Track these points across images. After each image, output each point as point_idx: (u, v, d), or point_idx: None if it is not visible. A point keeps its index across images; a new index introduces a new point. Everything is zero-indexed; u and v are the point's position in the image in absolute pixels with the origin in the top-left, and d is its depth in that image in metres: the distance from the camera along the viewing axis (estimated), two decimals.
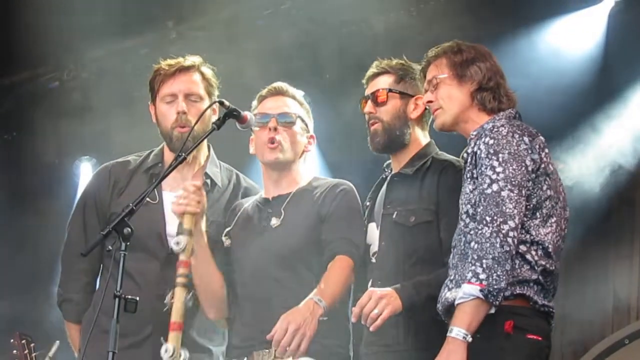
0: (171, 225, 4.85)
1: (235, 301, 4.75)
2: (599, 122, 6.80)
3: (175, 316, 4.50)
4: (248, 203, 4.86)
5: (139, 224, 4.29)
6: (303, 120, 4.81)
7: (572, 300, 6.92)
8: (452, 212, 4.31)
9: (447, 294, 4.15)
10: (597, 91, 6.76)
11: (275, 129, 4.72)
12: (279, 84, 4.87)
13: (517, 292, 4.05)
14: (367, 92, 4.75)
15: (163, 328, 4.55)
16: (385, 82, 4.72)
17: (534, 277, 4.07)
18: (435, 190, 4.52)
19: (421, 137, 4.71)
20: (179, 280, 4.54)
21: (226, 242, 4.81)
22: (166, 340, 4.45)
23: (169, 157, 4.97)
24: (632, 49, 6.60)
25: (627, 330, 6.87)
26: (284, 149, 4.73)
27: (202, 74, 4.96)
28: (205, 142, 4.94)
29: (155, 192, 4.82)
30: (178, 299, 4.51)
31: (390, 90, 4.68)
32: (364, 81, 4.80)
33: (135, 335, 4.70)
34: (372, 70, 4.77)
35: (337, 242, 4.59)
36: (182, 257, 4.55)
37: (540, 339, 4.08)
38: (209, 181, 4.96)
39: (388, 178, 4.72)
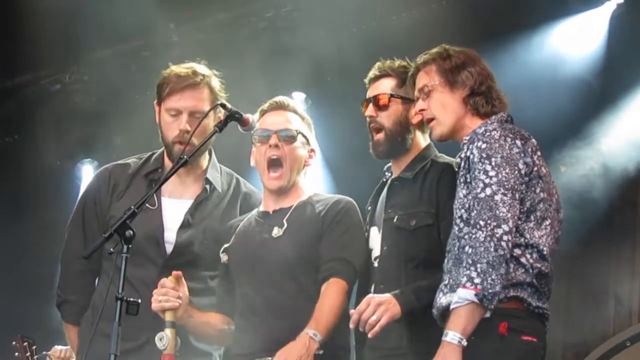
0: (169, 231, 4.85)
1: (236, 311, 4.75)
2: (601, 124, 6.79)
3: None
4: (245, 219, 4.84)
5: (138, 230, 4.26)
6: (304, 135, 4.77)
7: (573, 302, 6.91)
8: (452, 214, 4.28)
9: (442, 299, 4.15)
10: (599, 93, 6.75)
11: (277, 146, 4.70)
12: (280, 99, 4.83)
13: (511, 294, 4.05)
14: (369, 94, 4.72)
15: None
16: (387, 85, 4.68)
17: (528, 279, 4.07)
18: (435, 193, 4.50)
19: (421, 140, 4.69)
20: None
21: (223, 258, 4.79)
22: None
23: (169, 162, 4.92)
24: (633, 51, 6.60)
25: (629, 333, 6.86)
26: (286, 176, 4.69)
27: (210, 89, 4.87)
28: (207, 147, 4.92)
29: (155, 197, 4.80)
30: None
31: (392, 95, 4.65)
32: (366, 81, 4.77)
33: (133, 341, 4.68)
34: (374, 72, 4.73)
35: (333, 262, 4.57)
36: (165, 352, 4.46)
37: (535, 340, 4.09)
38: (208, 186, 4.94)
39: (388, 182, 4.72)
